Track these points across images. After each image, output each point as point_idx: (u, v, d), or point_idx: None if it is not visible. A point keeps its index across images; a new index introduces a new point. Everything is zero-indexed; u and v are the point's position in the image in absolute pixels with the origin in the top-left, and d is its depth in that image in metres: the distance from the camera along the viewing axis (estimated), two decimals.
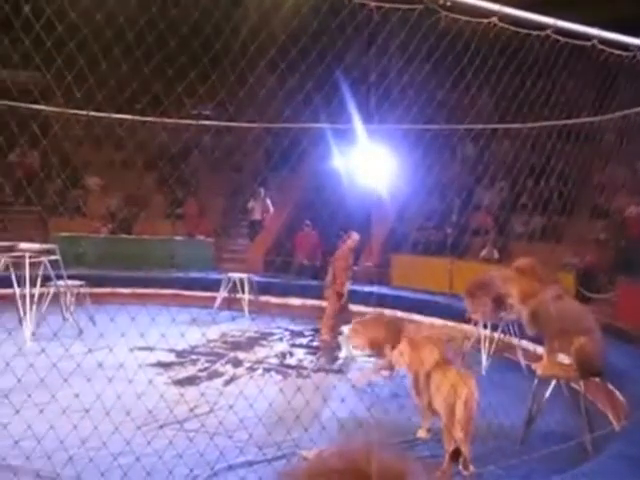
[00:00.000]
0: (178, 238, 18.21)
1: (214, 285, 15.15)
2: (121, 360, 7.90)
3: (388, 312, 12.66)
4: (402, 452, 1.43)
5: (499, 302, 8.77)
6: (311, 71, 6.68)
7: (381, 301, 13.94)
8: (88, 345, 8.54)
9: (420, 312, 12.88)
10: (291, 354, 11.84)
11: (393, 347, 7.87)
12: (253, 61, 6.69)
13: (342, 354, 11.52)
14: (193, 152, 18.46)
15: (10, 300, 11.62)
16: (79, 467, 6.32)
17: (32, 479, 6.40)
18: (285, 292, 14.95)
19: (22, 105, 10.74)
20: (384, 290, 15.21)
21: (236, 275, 15.15)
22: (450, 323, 10.54)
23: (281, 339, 12.89)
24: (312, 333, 13.22)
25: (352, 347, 9.62)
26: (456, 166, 17.91)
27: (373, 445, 1.40)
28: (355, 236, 12.80)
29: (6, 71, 10.21)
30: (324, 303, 12.50)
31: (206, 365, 10.86)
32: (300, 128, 11.69)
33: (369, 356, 9.22)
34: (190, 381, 9.66)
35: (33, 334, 11.27)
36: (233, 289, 15.04)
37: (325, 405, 8.20)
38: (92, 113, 11.43)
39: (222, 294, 14.98)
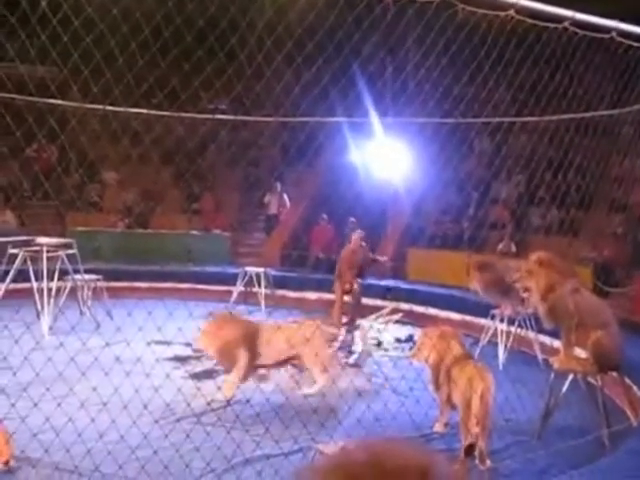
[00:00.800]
0: (195, 232, 18.25)
1: (230, 279, 15.19)
2: (138, 354, 7.97)
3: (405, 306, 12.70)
4: (422, 445, 1.43)
5: (507, 291, 8.80)
6: (327, 65, 6.67)
7: (397, 295, 13.95)
8: (105, 339, 8.59)
9: (436, 306, 12.86)
10: None
11: (249, 350, 8.09)
12: (269, 55, 6.67)
13: (358, 348, 11.51)
14: (209, 146, 18.49)
15: (28, 294, 11.69)
16: (97, 460, 6.36)
17: (51, 471, 6.45)
18: (301, 286, 14.96)
19: (39, 100, 10.79)
20: (400, 284, 15.20)
21: (252, 269, 15.18)
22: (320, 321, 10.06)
23: None
24: None
25: (202, 349, 9.39)
26: (473, 160, 17.85)
27: (394, 438, 1.40)
28: (357, 235, 12.89)
29: (23, 66, 10.21)
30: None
31: None
32: (316, 122, 11.69)
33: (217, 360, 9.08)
34: (207, 375, 9.67)
35: (50, 328, 11.34)
36: (249, 283, 15.07)
37: (342, 399, 8.20)
38: (109, 107, 11.47)
39: (238, 288, 15.02)
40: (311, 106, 8.05)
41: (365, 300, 13.20)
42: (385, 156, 16.15)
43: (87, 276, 13.03)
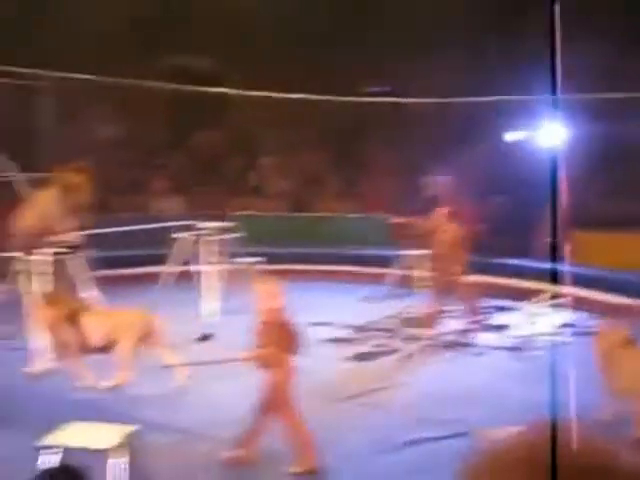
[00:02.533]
0: (353, 215, 18.36)
1: (390, 262, 15.20)
2: None
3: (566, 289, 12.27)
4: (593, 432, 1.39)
5: None
6: (491, 42, 6.53)
7: (559, 278, 13.47)
8: None
9: (604, 290, 12.36)
10: (467, 332, 11.70)
11: None
12: (432, 35, 6.60)
13: (518, 333, 11.26)
14: (370, 129, 18.53)
15: (195, 277, 12.15)
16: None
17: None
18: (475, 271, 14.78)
19: (205, 89, 11.17)
20: (566, 267, 14.70)
21: (412, 252, 15.13)
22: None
23: (457, 316, 12.76)
24: (489, 311, 13.01)
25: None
26: None
27: (560, 425, 1.36)
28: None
29: (191, 57, 10.65)
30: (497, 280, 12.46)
31: (382, 341, 10.95)
32: (482, 101, 11.43)
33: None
34: (367, 356, 9.75)
35: (216, 309, 11.77)
36: (408, 266, 15.03)
37: (502, 383, 8.05)
38: (270, 94, 11.73)
39: (397, 271, 15.01)
40: (475, 85, 7.88)
41: (526, 283, 12.88)
42: (552, 133, 15.60)
43: (249, 259, 13.41)
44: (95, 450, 5.17)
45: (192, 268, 11.94)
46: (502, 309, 13.14)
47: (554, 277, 12.48)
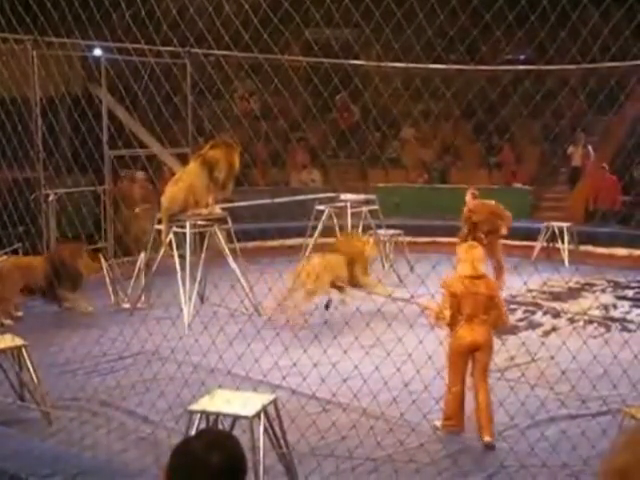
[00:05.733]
0: (495, 187, 18.02)
1: (532, 234, 14.85)
2: None
3: None
4: None
5: None
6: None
7: None
8: (409, 292, 8.77)
9: None
10: (615, 306, 11.29)
11: None
12: None
13: None
14: (510, 98, 18.05)
15: None
16: (402, 408, 6.57)
17: (359, 416, 6.78)
18: (610, 242, 14.28)
19: (344, 62, 11.18)
20: None
21: (555, 224, 14.72)
22: None
23: (604, 290, 12.33)
24: (639, 285, 12.50)
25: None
26: None
27: None
28: (470, 191, 12.09)
29: (329, 29, 10.66)
30: None
31: (526, 315, 10.73)
32: (627, 66, 10.92)
33: None
34: (510, 330, 9.58)
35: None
36: (552, 239, 14.65)
37: None
38: (409, 65, 11.61)
39: (540, 243, 14.66)
40: (622, 49, 7.51)
41: None
42: None
43: (389, 231, 13.42)
44: (239, 416, 5.32)
45: (334, 240, 12.04)
46: None
47: None
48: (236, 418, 5.36)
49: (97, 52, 13.48)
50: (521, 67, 15.28)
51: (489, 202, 12.05)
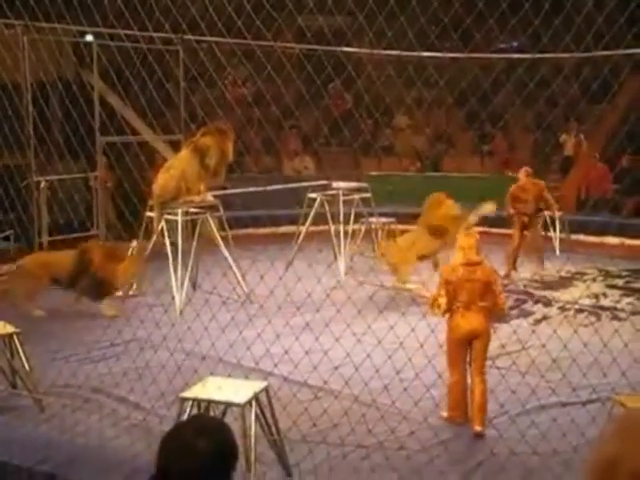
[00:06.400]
0: (487, 175, 18.03)
1: None
2: None
3: None
4: None
5: None
6: None
7: None
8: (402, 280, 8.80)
9: None
10: (606, 295, 11.34)
11: None
12: None
13: None
14: (504, 87, 18.05)
15: (327, 236, 12.25)
16: (394, 395, 6.60)
17: (350, 403, 6.80)
18: (601, 231, 14.31)
19: (336, 49, 11.14)
20: None
21: (547, 213, 14.73)
22: None
23: (595, 279, 12.37)
24: (629, 274, 12.54)
25: None
26: None
27: None
28: (523, 171, 12.30)
29: (322, 17, 10.64)
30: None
31: (517, 303, 10.77)
32: (621, 55, 10.91)
33: None
34: (500, 318, 9.61)
35: (351, 268, 11.87)
36: (543, 227, 14.66)
37: None
38: (402, 53, 11.57)
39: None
40: (615, 37, 7.50)
41: None
42: None
43: (381, 219, 13.41)
44: (231, 403, 5.33)
45: (325, 228, 12.05)
46: None
47: None
48: (228, 405, 5.38)
49: (89, 38, 13.40)
50: (515, 55, 15.24)
51: (539, 182, 12.44)
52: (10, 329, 7.00)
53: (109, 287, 9.90)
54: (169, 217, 10.40)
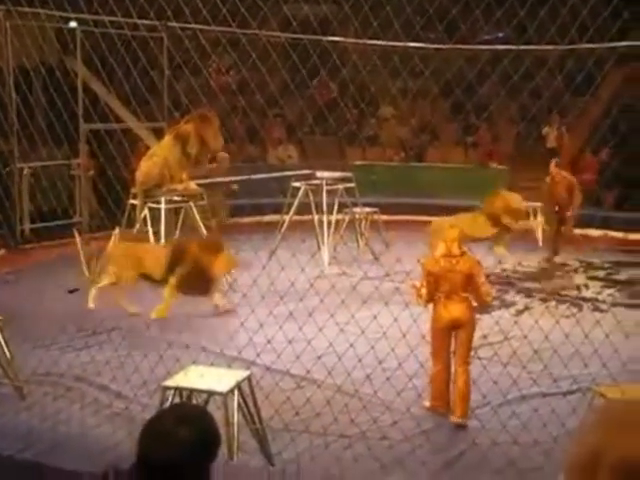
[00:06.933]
0: (470, 166, 18.07)
1: None
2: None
3: None
4: None
5: None
6: None
7: None
8: (384, 270, 8.82)
9: None
10: (587, 287, 11.40)
11: None
12: None
13: None
14: (489, 78, 18.07)
15: (311, 226, 12.23)
16: (376, 385, 6.61)
17: (333, 393, 6.81)
18: (584, 223, 14.36)
19: (321, 38, 11.11)
20: None
21: (530, 204, 14.78)
22: None
23: (577, 271, 12.44)
24: (610, 266, 12.62)
25: None
26: None
27: None
28: (553, 165, 12.47)
29: (307, 5, 10.64)
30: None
31: (499, 294, 10.80)
32: (605, 48, 10.95)
33: None
34: (482, 309, 9.64)
35: (334, 258, 11.86)
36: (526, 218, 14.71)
37: (625, 340, 7.80)
38: (388, 43, 11.56)
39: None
40: (600, 30, 7.53)
41: None
42: None
43: (365, 209, 13.41)
44: (213, 392, 5.33)
45: (309, 217, 12.03)
46: (623, 264, 12.70)
47: None
48: (210, 394, 5.38)
49: (72, 24, 13.29)
50: (499, 47, 15.25)
51: (568, 175, 12.63)
52: None
53: (213, 281, 9.17)
54: (152, 205, 10.36)
